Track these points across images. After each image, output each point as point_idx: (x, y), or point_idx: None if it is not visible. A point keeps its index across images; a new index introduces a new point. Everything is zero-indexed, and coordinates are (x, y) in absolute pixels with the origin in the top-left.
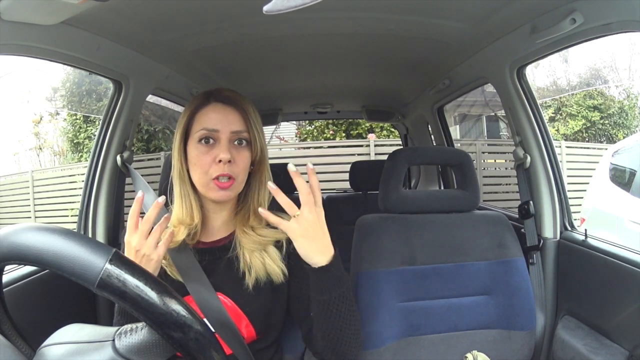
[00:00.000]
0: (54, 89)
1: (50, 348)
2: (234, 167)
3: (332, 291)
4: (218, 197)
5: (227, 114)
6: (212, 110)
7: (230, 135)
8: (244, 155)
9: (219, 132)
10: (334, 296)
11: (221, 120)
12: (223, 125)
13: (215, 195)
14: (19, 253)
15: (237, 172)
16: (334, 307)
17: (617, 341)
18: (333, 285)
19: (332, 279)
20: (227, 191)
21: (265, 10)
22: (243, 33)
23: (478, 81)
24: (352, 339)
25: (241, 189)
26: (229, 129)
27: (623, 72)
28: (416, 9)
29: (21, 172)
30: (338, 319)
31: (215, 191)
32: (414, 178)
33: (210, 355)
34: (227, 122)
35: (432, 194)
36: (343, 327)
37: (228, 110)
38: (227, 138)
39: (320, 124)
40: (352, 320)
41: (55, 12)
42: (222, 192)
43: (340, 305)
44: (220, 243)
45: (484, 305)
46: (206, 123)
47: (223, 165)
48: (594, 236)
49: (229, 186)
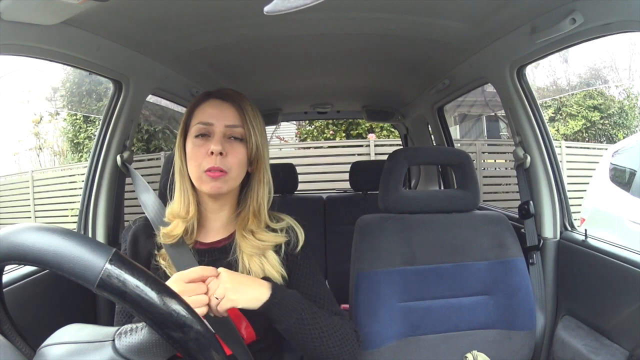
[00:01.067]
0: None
1: (50, 348)
2: (225, 160)
3: (289, 318)
4: (209, 188)
5: (223, 108)
6: (209, 105)
7: (224, 130)
8: (238, 150)
9: (214, 125)
10: (292, 323)
11: (216, 114)
12: (218, 119)
13: (207, 187)
14: (19, 253)
15: (229, 165)
16: (297, 332)
17: (617, 341)
18: (287, 313)
19: (282, 309)
20: (217, 182)
21: (266, 11)
22: (243, 33)
23: (478, 81)
24: (334, 351)
25: (236, 184)
26: (223, 123)
27: (623, 72)
28: (416, 9)
29: (21, 172)
30: (307, 340)
31: (207, 182)
32: (414, 178)
33: (210, 355)
34: (222, 116)
35: (432, 194)
36: (316, 346)
37: (224, 105)
38: (221, 132)
39: (320, 124)
40: (323, 337)
41: (55, 12)
42: (213, 182)
43: (301, 328)
44: (219, 244)
45: (484, 306)
46: (202, 117)
47: (215, 157)
48: (594, 236)
49: (219, 177)
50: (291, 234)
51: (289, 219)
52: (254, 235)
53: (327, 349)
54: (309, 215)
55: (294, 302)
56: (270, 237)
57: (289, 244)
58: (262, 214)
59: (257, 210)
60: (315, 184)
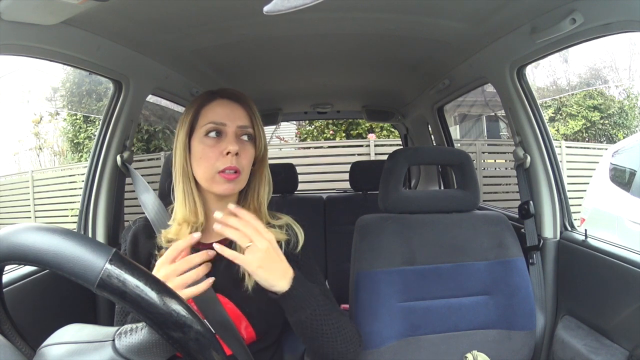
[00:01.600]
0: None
1: (50, 348)
2: (240, 160)
3: (302, 312)
4: (223, 190)
5: (234, 109)
6: (218, 105)
7: (236, 130)
8: (248, 150)
9: (227, 125)
10: (305, 316)
11: (228, 114)
12: (230, 120)
13: (220, 189)
14: (19, 253)
15: (242, 166)
16: (308, 325)
17: (617, 341)
18: (301, 307)
19: (298, 301)
20: (232, 183)
21: (266, 11)
22: (243, 33)
23: (478, 81)
24: (340, 348)
25: (244, 185)
26: (235, 124)
27: (623, 72)
28: (416, 9)
29: (21, 172)
30: (317, 334)
31: (221, 184)
32: (414, 178)
33: (210, 355)
34: (234, 116)
35: (432, 194)
36: (324, 342)
37: (234, 105)
38: (233, 132)
39: (320, 124)
40: (333, 333)
41: (55, 12)
42: (228, 184)
43: (314, 322)
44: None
45: (484, 306)
46: (213, 117)
47: (231, 157)
48: (594, 236)
49: (235, 178)
50: (291, 233)
51: (288, 218)
52: None
53: (335, 345)
54: (309, 215)
55: (310, 297)
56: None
57: (289, 244)
58: (263, 212)
59: (257, 208)
60: (315, 184)
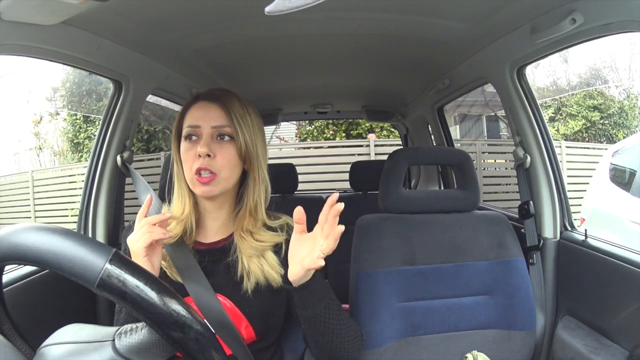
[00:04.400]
0: (54, 89)
1: (50, 348)
2: (214, 161)
3: (317, 305)
4: (200, 192)
5: (209, 110)
6: (196, 108)
7: (211, 131)
8: (227, 150)
9: (200, 127)
10: (319, 310)
11: (202, 116)
12: (204, 121)
13: (198, 191)
14: (19, 253)
15: (218, 167)
16: (321, 320)
17: (617, 341)
18: (317, 300)
19: (315, 294)
20: (208, 186)
21: (267, 11)
22: (243, 33)
23: (478, 81)
24: (347, 345)
25: (229, 185)
26: (209, 124)
27: (623, 72)
28: (416, 9)
29: (21, 172)
30: (327, 330)
31: (198, 186)
32: (414, 178)
33: (210, 355)
34: (209, 117)
35: (432, 194)
36: (333, 338)
37: (211, 106)
38: (208, 133)
39: (320, 124)
40: (342, 329)
41: (55, 12)
42: (204, 187)
43: (326, 317)
44: (219, 244)
45: (484, 305)
46: (190, 120)
47: (202, 159)
48: (594, 236)
49: (209, 181)
50: (290, 233)
51: (287, 218)
52: (253, 236)
53: (342, 342)
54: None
55: (324, 290)
56: (269, 237)
57: (288, 244)
58: (259, 213)
59: (253, 209)
60: (315, 184)
